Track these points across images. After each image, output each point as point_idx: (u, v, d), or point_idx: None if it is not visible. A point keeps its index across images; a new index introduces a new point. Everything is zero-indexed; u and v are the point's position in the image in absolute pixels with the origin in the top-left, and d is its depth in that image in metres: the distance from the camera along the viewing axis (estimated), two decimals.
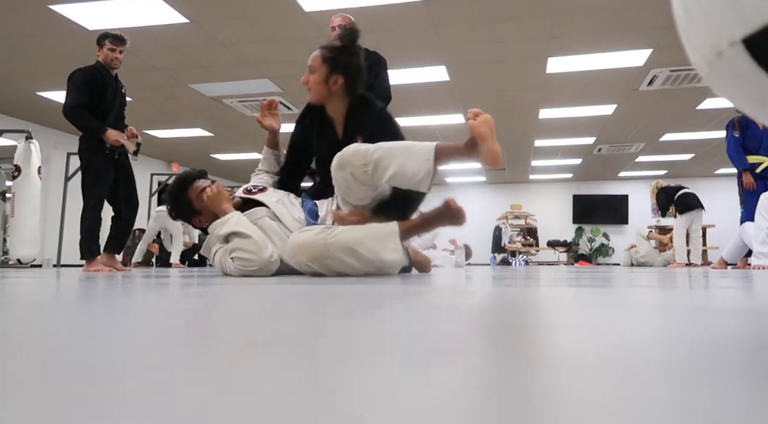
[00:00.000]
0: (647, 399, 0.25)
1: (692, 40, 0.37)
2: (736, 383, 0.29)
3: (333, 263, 2.01)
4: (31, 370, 0.32)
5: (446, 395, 0.26)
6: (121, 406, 0.24)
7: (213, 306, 0.77)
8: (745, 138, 5.10)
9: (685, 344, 0.42)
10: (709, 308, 0.75)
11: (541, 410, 0.23)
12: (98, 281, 1.75)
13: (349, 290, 1.14)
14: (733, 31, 0.32)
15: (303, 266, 2.06)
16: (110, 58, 3.71)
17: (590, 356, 0.37)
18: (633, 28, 5.26)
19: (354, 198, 2.16)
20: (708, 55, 0.35)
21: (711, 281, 1.70)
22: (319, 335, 0.47)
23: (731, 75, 0.35)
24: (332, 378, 0.29)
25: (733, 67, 0.34)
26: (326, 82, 2.48)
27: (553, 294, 1.02)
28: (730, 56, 0.33)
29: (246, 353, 0.38)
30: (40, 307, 0.77)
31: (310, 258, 2.03)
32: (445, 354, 0.38)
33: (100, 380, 0.29)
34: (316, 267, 2.04)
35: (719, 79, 0.36)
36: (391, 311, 0.68)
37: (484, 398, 0.25)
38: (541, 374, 0.31)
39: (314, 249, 2.02)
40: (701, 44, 0.35)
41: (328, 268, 2.03)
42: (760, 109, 0.37)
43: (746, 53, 0.32)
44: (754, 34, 0.31)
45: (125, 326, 0.54)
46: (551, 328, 0.53)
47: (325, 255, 2.01)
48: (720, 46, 0.33)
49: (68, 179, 5.97)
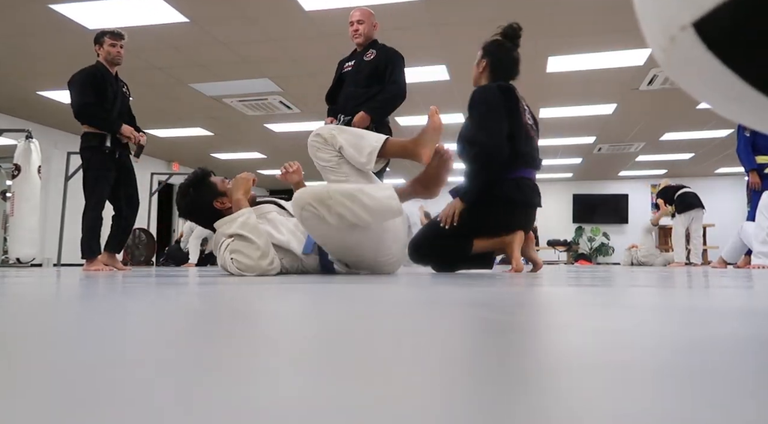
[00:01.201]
0: (647, 399, 0.25)
1: (647, 28, 0.37)
2: (737, 383, 0.29)
3: (334, 204, 2.09)
4: (31, 370, 0.32)
5: (445, 395, 0.26)
6: (120, 406, 0.24)
7: (212, 306, 0.77)
8: (757, 137, 5.08)
9: (685, 344, 0.42)
10: (708, 308, 0.75)
11: (540, 410, 0.23)
12: (98, 280, 1.75)
13: (351, 288, 1.14)
14: (683, 16, 0.32)
15: (306, 209, 2.13)
16: (112, 54, 3.71)
17: (590, 356, 0.37)
18: (633, 28, 5.25)
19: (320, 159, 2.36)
20: (662, 42, 0.35)
21: (710, 280, 1.70)
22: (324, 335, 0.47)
23: (685, 61, 0.35)
24: (330, 378, 0.29)
25: (686, 52, 0.34)
26: (477, 65, 2.92)
27: (553, 293, 1.02)
28: (681, 41, 0.33)
29: (257, 351, 0.38)
30: (40, 306, 0.77)
31: (312, 197, 2.11)
32: (444, 354, 0.38)
33: (99, 380, 0.29)
34: (318, 208, 2.10)
35: (675, 67, 0.36)
36: (391, 311, 0.68)
37: (483, 398, 0.25)
38: (540, 375, 0.31)
39: (316, 192, 2.14)
40: (655, 31, 0.35)
41: (330, 210, 2.09)
42: (716, 97, 0.36)
43: (697, 37, 0.32)
44: (704, 17, 0.31)
45: (125, 326, 0.54)
46: (551, 328, 0.53)
47: (326, 196, 2.10)
48: (672, 31, 0.33)
49: (68, 179, 5.97)
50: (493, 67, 2.86)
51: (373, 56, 3.71)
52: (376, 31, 3.82)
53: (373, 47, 3.75)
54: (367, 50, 3.75)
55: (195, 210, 2.47)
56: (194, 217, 2.52)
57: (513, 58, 2.89)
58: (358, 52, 3.81)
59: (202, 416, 0.22)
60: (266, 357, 0.36)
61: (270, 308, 0.74)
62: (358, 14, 3.77)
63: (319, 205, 2.10)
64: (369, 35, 3.77)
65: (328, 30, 5.30)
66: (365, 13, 3.79)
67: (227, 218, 2.26)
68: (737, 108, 0.36)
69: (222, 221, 2.26)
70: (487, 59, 2.87)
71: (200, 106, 7.87)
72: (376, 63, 3.68)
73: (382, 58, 3.70)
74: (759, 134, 5.07)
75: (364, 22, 3.75)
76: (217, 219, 2.32)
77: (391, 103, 3.68)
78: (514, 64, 2.89)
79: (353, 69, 3.77)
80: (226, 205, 2.39)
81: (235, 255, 2.16)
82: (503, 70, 2.86)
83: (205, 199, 2.41)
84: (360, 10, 3.79)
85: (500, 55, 2.88)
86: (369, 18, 3.78)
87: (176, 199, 2.55)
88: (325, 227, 2.14)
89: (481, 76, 2.91)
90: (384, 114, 3.71)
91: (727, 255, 5.12)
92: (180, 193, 2.48)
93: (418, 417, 0.22)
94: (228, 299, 0.89)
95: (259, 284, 1.41)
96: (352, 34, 3.77)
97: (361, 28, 3.73)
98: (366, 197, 2.10)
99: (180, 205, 2.50)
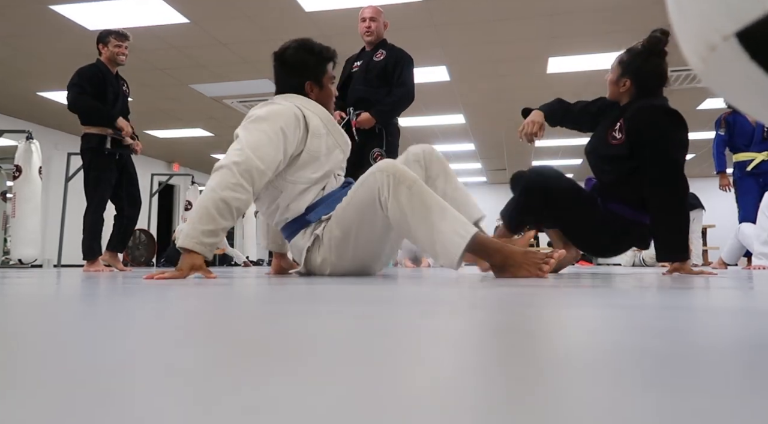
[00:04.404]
0: (647, 400, 0.25)
1: (685, 36, 0.36)
2: (737, 383, 0.29)
3: (399, 191, 1.84)
4: (31, 370, 0.32)
5: (444, 395, 0.26)
6: (120, 406, 0.24)
7: (210, 305, 0.77)
8: (733, 136, 5.02)
9: (685, 343, 0.42)
10: (709, 308, 0.75)
11: (540, 410, 0.23)
12: (99, 280, 1.75)
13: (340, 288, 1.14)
14: (726, 25, 0.32)
15: (383, 173, 1.88)
16: (117, 54, 3.71)
17: (590, 356, 0.37)
18: (633, 28, 5.26)
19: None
20: (701, 51, 0.35)
21: (710, 281, 1.70)
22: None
23: (725, 70, 0.34)
24: (326, 378, 0.29)
25: (727, 61, 0.33)
26: (617, 83, 2.59)
27: (553, 293, 1.02)
28: (723, 51, 0.33)
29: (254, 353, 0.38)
30: (40, 306, 0.78)
31: (395, 170, 1.87)
32: (444, 353, 0.38)
33: (99, 379, 0.29)
34: (383, 180, 1.87)
35: (714, 76, 0.36)
36: (391, 310, 0.68)
37: (482, 398, 0.25)
38: (540, 375, 0.31)
39: (407, 173, 1.88)
40: (694, 40, 0.35)
41: (393, 189, 1.85)
42: (756, 106, 0.36)
43: (740, 47, 0.32)
44: (748, 27, 0.31)
45: (124, 325, 0.54)
46: (550, 327, 0.53)
47: (405, 183, 1.84)
48: (713, 40, 0.33)
49: (69, 179, 5.97)
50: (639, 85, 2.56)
51: (382, 57, 3.66)
52: (386, 31, 3.77)
53: (383, 47, 3.71)
54: (377, 50, 3.70)
55: (292, 68, 2.22)
56: (284, 71, 2.25)
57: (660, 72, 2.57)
58: (367, 52, 3.75)
59: (203, 417, 0.22)
60: (268, 358, 0.36)
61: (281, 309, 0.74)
62: (369, 11, 3.70)
63: (397, 183, 1.86)
64: (380, 34, 3.72)
65: (328, 30, 5.30)
66: (377, 11, 3.72)
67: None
68: None
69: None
70: (630, 78, 2.56)
71: (200, 107, 7.87)
72: (386, 63, 3.64)
73: (391, 59, 3.66)
74: (736, 132, 4.99)
75: (377, 20, 3.69)
76: (297, 92, 2.18)
77: (398, 105, 3.64)
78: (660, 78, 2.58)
79: (361, 68, 3.71)
80: (314, 94, 2.22)
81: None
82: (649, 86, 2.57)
83: (303, 72, 2.21)
84: (371, 7, 3.73)
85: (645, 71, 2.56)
86: (380, 16, 3.72)
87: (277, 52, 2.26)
88: (372, 204, 1.92)
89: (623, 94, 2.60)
90: (391, 116, 3.68)
91: (726, 256, 5.12)
92: (287, 48, 2.23)
93: (416, 416, 0.22)
94: (228, 300, 0.89)
95: (264, 285, 1.40)
96: (364, 31, 3.69)
97: (373, 26, 3.67)
98: (436, 217, 1.80)
99: (279, 55, 2.25)
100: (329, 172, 2.18)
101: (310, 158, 2.11)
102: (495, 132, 9.34)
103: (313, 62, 2.23)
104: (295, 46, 2.24)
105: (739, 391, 0.27)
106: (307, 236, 2.14)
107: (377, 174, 1.91)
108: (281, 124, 2.00)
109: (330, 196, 2.15)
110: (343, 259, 2.09)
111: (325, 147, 2.15)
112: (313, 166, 2.12)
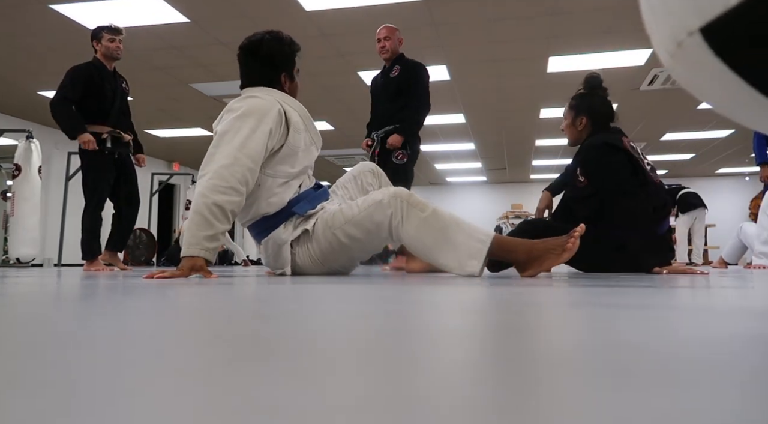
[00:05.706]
0: (647, 400, 0.25)
1: (655, 32, 0.37)
2: (737, 383, 0.29)
3: (413, 216, 1.91)
4: (31, 370, 0.32)
5: (443, 395, 0.26)
6: (120, 406, 0.24)
7: (213, 307, 0.77)
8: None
9: (685, 343, 0.42)
10: (708, 308, 0.75)
11: (539, 410, 0.23)
12: (98, 279, 1.75)
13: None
14: (691, 21, 0.32)
15: (388, 200, 1.95)
16: (111, 49, 3.71)
17: (589, 356, 0.37)
18: (633, 28, 5.26)
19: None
20: (669, 47, 0.35)
21: (710, 280, 1.70)
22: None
23: (692, 66, 0.35)
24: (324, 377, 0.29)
25: (693, 57, 0.34)
26: (574, 124, 2.82)
27: (553, 294, 1.02)
28: (689, 46, 0.33)
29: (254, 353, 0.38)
30: (40, 306, 0.77)
31: (408, 196, 1.94)
32: (443, 353, 0.38)
33: (99, 379, 0.29)
34: (397, 205, 1.93)
35: (681, 71, 0.36)
36: (391, 309, 0.68)
37: (482, 398, 0.25)
38: (540, 375, 0.31)
39: (418, 198, 1.95)
40: (663, 36, 0.35)
41: (405, 214, 1.92)
42: (722, 100, 0.37)
43: (704, 43, 0.32)
44: (711, 22, 0.31)
45: (124, 325, 0.54)
46: (550, 327, 0.53)
47: (418, 207, 1.92)
48: (679, 36, 0.33)
49: (69, 179, 5.97)
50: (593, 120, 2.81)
51: (397, 73, 3.85)
52: (401, 47, 3.96)
53: (398, 63, 3.90)
54: (393, 66, 3.89)
55: (269, 60, 2.23)
56: (258, 63, 2.25)
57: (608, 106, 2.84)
58: (386, 68, 3.96)
59: (204, 417, 0.22)
60: (270, 358, 0.36)
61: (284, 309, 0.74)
62: (384, 31, 3.91)
63: (399, 204, 1.94)
64: (395, 51, 3.91)
65: (328, 30, 5.30)
66: (391, 30, 3.93)
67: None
68: (745, 112, 0.36)
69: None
70: (585, 116, 2.80)
71: (201, 107, 7.87)
72: (400, 79, 3.83)
73: (405, 73, 3.85)
74: None
75: (390, 38, 3.89)
76: (272, 85, 2.20)
77: (417, 116, 3.81)
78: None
79: (381, 86, 3.93)
80: (287, 87, 2.25)
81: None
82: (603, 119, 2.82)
83: (277, 64, 2.22)
84: (386, 27, 3.94)
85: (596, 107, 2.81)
86: (394, 34, 3.92)
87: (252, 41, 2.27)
88: (380, 225, 1.97)
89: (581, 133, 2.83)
90: (415, 129, 3.84)
91: (727, 255, 5.11)
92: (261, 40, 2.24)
93: (416, 416, 0.22)
94: (229, 299, 0.89)
95: (265, 285, 1.40)
96: (379, 50, 3.92)
97: (387, 45, 3.87)
98: (455, 234, 1.87)
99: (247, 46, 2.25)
100: (306, 167, 2.22)
101: (289, 152, 2.13)
102: (495, 132, 9.34)
103: (287, 53, 2.27)
104: (269, 38, 2.25)
105: (739, 391, 0.27)
106: (289, 229, 2.13)
107: (391, 200, 1.97)
108: (266, 120, 2.03)
109: (310, 193, 2.18)
110: (335, 262, 2.13)
111: (303, 143, 2.18)
112: (291, 160, 2.14)
